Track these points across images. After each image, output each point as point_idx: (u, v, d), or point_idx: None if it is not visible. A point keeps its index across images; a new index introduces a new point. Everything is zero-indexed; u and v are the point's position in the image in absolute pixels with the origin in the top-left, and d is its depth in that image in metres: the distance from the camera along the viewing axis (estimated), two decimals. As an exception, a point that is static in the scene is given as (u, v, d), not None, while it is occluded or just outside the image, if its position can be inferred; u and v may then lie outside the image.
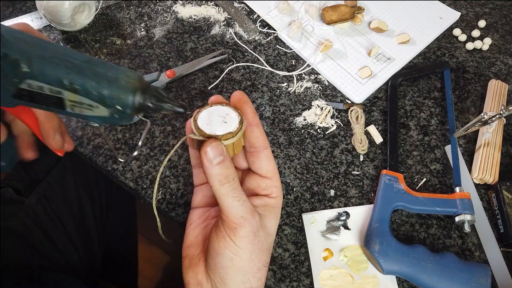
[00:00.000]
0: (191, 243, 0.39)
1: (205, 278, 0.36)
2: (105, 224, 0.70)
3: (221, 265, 0.34)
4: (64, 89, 0.31)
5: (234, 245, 0.34)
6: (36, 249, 0.56)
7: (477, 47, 0.63)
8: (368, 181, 0.51)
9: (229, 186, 0.33)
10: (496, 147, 0.51)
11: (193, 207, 0.42)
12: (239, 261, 0.34)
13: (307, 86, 0.58)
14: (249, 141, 0.37)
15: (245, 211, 0.33)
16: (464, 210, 0.46)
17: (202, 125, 0.34)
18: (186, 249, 0.39)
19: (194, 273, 0.37)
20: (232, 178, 0.33)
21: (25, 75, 0.30)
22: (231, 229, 0.33)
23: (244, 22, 0.64)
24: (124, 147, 0.52)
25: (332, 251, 0.46)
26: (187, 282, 0.37)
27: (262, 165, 0.38)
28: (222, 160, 0.32)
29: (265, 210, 0.37)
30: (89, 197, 0.66)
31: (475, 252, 0.47)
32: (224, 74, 0.59)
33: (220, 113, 0.35)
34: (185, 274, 0.37)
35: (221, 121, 0.34)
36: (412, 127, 0.55)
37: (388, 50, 0.61)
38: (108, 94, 0.31)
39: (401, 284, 0.45)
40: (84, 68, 0.31)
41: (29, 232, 0.57)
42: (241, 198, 0.33)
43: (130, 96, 0.32)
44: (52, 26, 0.62)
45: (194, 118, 0.34)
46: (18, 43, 0.30)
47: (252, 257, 0.34)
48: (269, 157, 0.38)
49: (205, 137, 0.33)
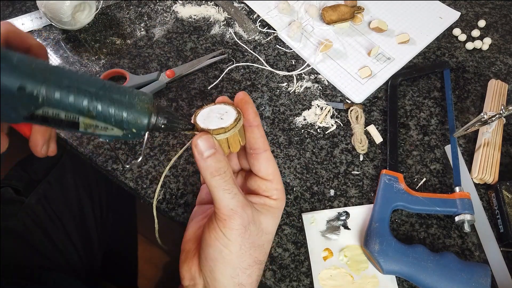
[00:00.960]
0: (189, 238, 0.39)
1: (197, 273, 0.37)
2: (105, 224, 0.70)
3: (211, 257, 0.35)
4: (81, 115, 0.31)
5: (224, 237, 0.34)
6: (36, 249, 0.57)
7: (477, 47, 0.63)
8: (368, 181, 0.51)
9: (220, 179, 0.33)
10: (496, 147, 0.51)
11: (197, 203, 0.43)
12: (229, 254, 0.34)
13: (307, 86, 0.58)
14: (249, 142, 0.37)
15: (235, 204, 0.34)
16: (464, 210, 0.46)
17: (199, 120, 0.35)
18: (184, 243, 0.39)
19: (189, 267, 0.37)
20: (224, 171, 0.33)
21: (41, 104, 0.30)
22: (221, 220, 0.34)
23: (244, 22, 0.64)
24: (124, 147, 0.52)
25: (332, 251, 0.46)
26: (182, 276, 0.38)
27: (261, 167, 0.38)
28: (213, 153, 0.33)
29: (263, 208, 0.37)
30: (89, 197, 0.66)
31: (475, 252, 0.47)
32: (224, 74, 0.59)
33: (219, 110, 0.36)
34: (181, 268, 0.38)
35: (218, 117, 0.35)
36: (412, 127, 0.55)
37: (388, 50, 0.61)
38: (125, 119, 0.32)
39: (401, 284, 0.45)
40: (101, 96, 0.31)
41: (29, 232, 0.57)
42: (232, 191, 0.34)
43: (145, 120, 0.33)
44: (52, 26, 0.62)
45: (195, 114, 0.36)
46: (33, 73, 0.29)
47: (242, 251, 0.35)
48: (269, 160, 0.38)
49: (198, 131, 0.34)
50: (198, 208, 0.42)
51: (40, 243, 0.57)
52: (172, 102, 0.56)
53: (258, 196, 0.38)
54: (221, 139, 0.34)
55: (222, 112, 0.36)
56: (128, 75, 0.56)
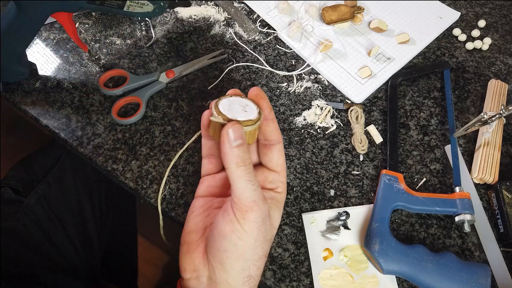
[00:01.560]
0: (191, 230, 0.39)
1: (202, 264, 0.37)
2: (105, 224, 0.70)
3: (224, 248, 0.35)
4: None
5: (241, 229, 0.34)
6: (36, 249, 0.56)
7: (477, 47, 0.63)
8: (368, 181, 0.51)
9: (245, 169, 0.34)
10: (496, 147, 0.51)
11: (196, 196, 0.43)
12: (243, 247, 0.34)
13: (307, 86, 0.58)
14: (264, 134, 0.39)
15: (257, 196, 0.34)
16: (464, 210, 0.46)
17: (224, 110, 0.36)
18: (185, 235, 0.39)
19: (192, 259, 0.37)
20: (248, 162, 0.34)
21: None
22: (241, 211, 0.34)
23: (244, 22, 0.64)
24: (124, 147, 0.52)
25: (332, 251, 0.46)
26: (183, 268, 0.37)
27: (273, 158, 0.39)
28: (241, 143, 0.34)
29: (271, 203, 0.38)
30: (89, 197, 0.66)
31: (475, 252, 0.47)
32: (224, 74, 0.59)
33: (240, 103, 0.37)
34: (182, 260, 0.38)
35: (242, 109, 0.36)
36: (412, 127, 0.55)
37: (388, 50, 0.61)
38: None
39: (401, 284, 0.45)
40: None
41: (29, 232, 0.57)
42: (255, 184, 0.34)
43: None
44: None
45: (215, 104, 0.36)
46: None
47: (256, 244, 0.35)
48: (281, 152, 0.40)
49: (226, 121, 0.35)
50: (197, 200, 0.42)
51: (39, 243, 0.57)
52: (172, 102, 0.56)
53: (264, 190, 0.39)
54: (246, 131, 0.35)
55: (243, 104, 0.37)
56: (128, 75, 0.56)
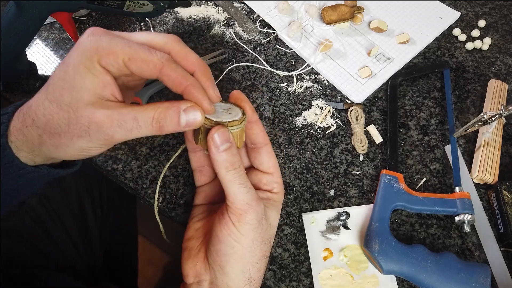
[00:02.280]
0: (191, 236, 0.39)
1: (203, 269, 0.37)
2: (106, 224, 0.70)
3: (223, 252, 0.35)
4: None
5: (237, 232, 0.34)
6: (36, 248, 0.57)
7: (477, 47, 0.63)
8: (368, 181, 0.51)
9: (235, 173, 0.33)
10: (496, 147, 0.51)
11: (195, 204, 0.43)
12: (241, 249, 0.34)
13: (307, 86, 0.58)
14: (249, 138, 0.38)
15: (250, 198, 0.34)
16: (464, 210, 0.46)
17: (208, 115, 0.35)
18: (186, 242, 0.40)
19: (193, 264, 0.37)
20: (238, 165, 0.34)
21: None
22: (236, 215, 0.34)
23: (244, 22, 0.64)
24: (124, 147, 0.52)
25: (332, 251, 0.46)
26: (185, 273, 0.37)
27: (263, 160, 0.39)
28: (229, 146, 0.33)
29: (267, 203, 0.38)
30: (90, 197, 0.66)
31: (475, 252, 0.47)
32: (224, 74, 0.59)
33: (222, 106, 0.37)
34: (184, 265, 0.38)
35: (225, 112, 0.36)
36: (412, 127, 0.55)
37: (388, 50, 0.61)
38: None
39: (401, 284, 0.45)
40: None
41: (29, 231, 0.57)
42: (247, 186, 0.34)
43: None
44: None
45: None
46: None
47: (254, 245, 0.35)
48: (270, 153, 0.39)
49: (212, 125, 0.34)
50: (196, 208, 0.43)
51: (40, 243, 0.57)
52: (172, 102, 0.56)
53: (260, 191, 0.39)
54: (233, 132, 0.35)
55: (226, 108, 0.37)
56: (128, 75, 0.56)
